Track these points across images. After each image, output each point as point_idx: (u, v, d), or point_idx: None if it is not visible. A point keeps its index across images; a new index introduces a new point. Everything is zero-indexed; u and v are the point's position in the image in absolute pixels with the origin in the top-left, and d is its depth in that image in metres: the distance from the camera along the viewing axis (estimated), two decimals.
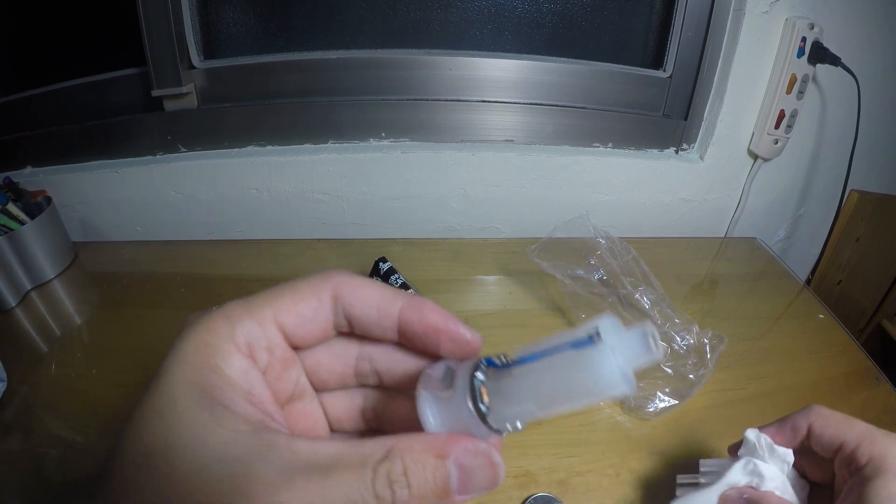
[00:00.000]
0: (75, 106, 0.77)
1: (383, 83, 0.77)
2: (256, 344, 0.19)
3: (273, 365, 0.19)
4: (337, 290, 0.20)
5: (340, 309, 0.20)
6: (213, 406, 0.16)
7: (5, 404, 0.52)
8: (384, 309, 0.20)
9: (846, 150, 0.77)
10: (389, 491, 0.16)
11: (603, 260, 0.62)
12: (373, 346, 0.22)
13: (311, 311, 0.20)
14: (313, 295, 0.20)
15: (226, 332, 0.18)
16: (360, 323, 0.20)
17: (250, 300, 0.19)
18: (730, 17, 0.73)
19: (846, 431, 0.33)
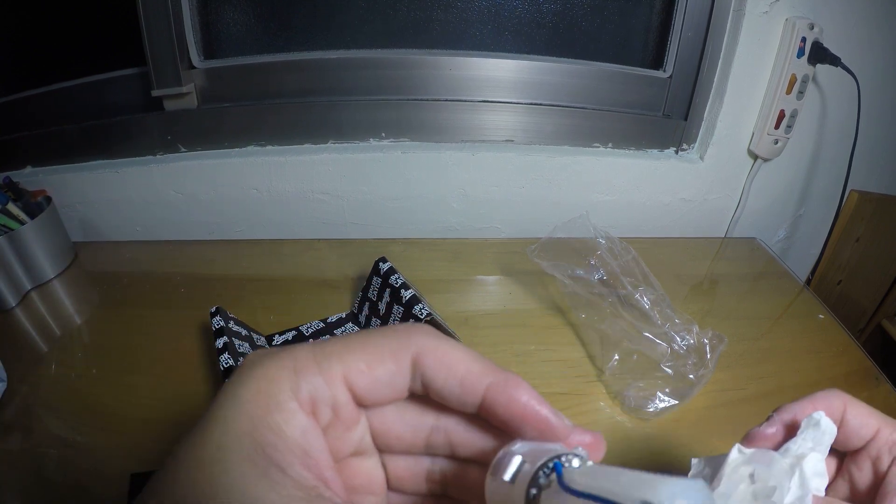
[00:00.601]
0: (75, 106, 0.77)
1: (383, 83, 0.77)
2: (321, 402, 0.17)
3: (335, 425, 0.18)
4: (419, 356, 0.18)
5: (419, 376, 0.18)
6: (267, 467, 0.15)
7: (5, 404, 0.52)
8: (469, 385, 0.18)
9: (846, 150, 0.77)
10: None
11: (603, 260, 0.62)
12: (449, 418, 0.20)
13: (387, 376, 0.18)
14: (392, 358, 0.18)
15: (289, 385, 0.17)
16: (439, 394, 0.18)
17: (320, 350, 0.18)
18: (730, 18, 0.73)
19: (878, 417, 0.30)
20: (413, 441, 0.20)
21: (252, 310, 0.65)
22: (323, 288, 0.70)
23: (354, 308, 0.65)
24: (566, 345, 0.63)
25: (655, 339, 0.56)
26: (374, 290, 0.62)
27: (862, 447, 0.30)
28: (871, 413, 0.30)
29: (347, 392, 0.18)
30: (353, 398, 0.18)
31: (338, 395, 0.17)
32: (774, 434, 0.32)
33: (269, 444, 0.16)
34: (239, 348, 0.52)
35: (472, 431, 0.20)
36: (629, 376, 0.56)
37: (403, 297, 0.56)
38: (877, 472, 0.29)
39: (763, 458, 0.29)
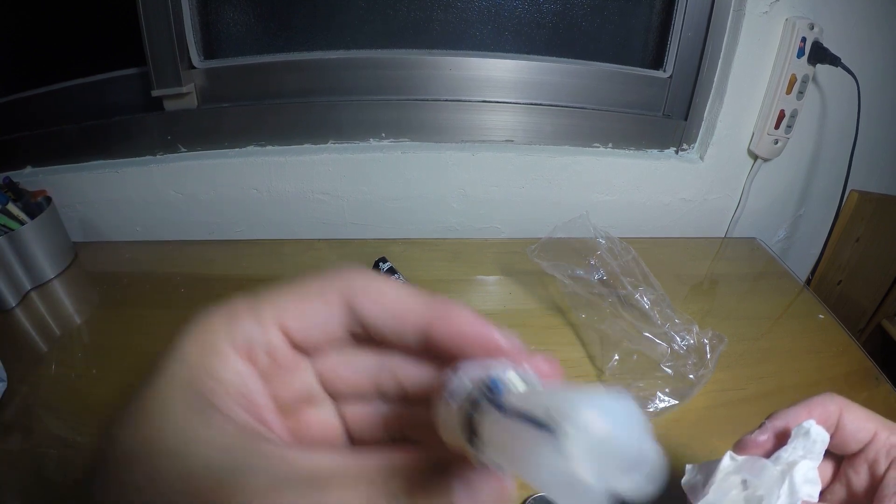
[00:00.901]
0: (75, 106, 0.77)
1: (383, 83, 0.77)
2: (256, 346, 0.17)
3: (275, 370, 0.18)
4: (349, 292, 0.18)
5: (353, 314, 0.18)
6: (204, 409, 0.15)
7: (5, 404, 0.52)
8: (403, 316, 0.18)
9: (846, 150, 0.77)
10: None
11: (603, 260, 0.62)
12: (395, 357, 0.19)
13: (318, 315, 0.18)
14: (321, 297, 0.18)
15: (225, 331, 0.17)
16: (375, 330, 0.18)
17: (256, 298, 0.18)
18: (730, 18, 0.73)
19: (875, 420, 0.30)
20: (361, 383, 0.20)
21: None
22: None
23: None
24: (566, 345, 0.63)
25: (655, 339, 0.56)
26: None
27: (859, 451, 0.30)
28: (869, 417, 0.30)
29: (282, 335, 0.18)
30: (288, 341, 0.18)
31: (272, 338, 0.17)
32: (766, 442, 0.32)
33: (208, 389, 0.16)
34: None
35: (421, 368, 0.19)
36: (629, 376, 0.56)
37: None
38: (874, 476, 0.29)
39: (754, 466, 0.30)
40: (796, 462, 0.29)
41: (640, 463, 0.12)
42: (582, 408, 0.12)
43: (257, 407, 0.17)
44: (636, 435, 0.13)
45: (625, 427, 0.12)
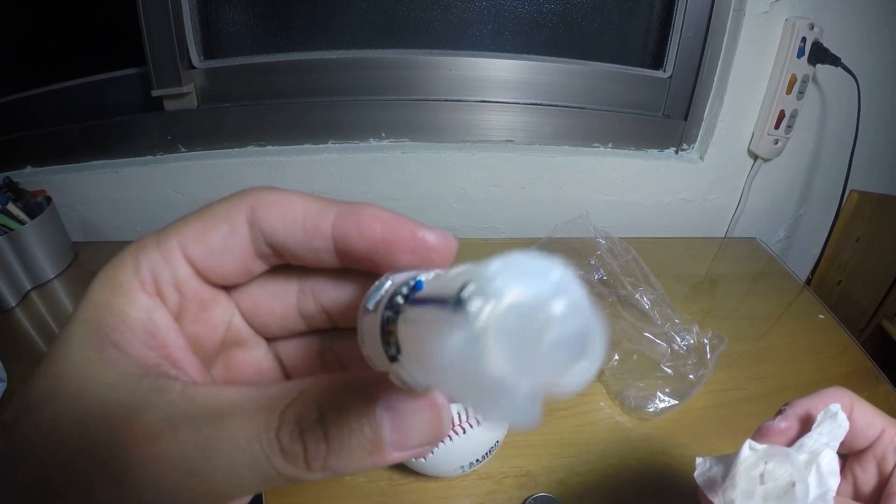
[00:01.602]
0: (75, 106, 0.77)
1: (383, 83, 0.77)
2: (163, 281, 0.16)
3: (186, 305, 0.16)
4: (254, 211, 0.16)
5: (259, 234, 0.16)
6: (104, 347, 0.14)
7: (5, 404, 0.52)
8: (312, 226, 0.16)
9: (846, 150, 0.77)
10: (300, 443, 0.12)
11: (603, 260, 0.62)
12: (315, 278, 0.17)
13: (221, 240, 0.16)
14: (225, 220, 0.16)
15: (131, 267, 0.16)
16: (285, 248, 0.16)
17: (161, 230, 0.16)
18: (730, 18, 0.73)
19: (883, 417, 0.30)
20: (285, 312, 0.18)
21: None
22: None
23: None
24: None
25: (655, 339, 0.56)
26: None
27: (867, 447, 0.29)
28: (877, 413, 0.29)
29: (188, 266, 0.16)
30: (196, 273, 0.16)
31: (178, 271, 0.16)
32: (788, 428, 0.31)
33: (110, 326, 0.15)
34: None
35: (343, 285, 0.17)
36: (629, 376, 0.56)
37: None
38: (882, 473, 0.29)
39: (778, 454, 0.28)
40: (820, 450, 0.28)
41: (573, 339, 0.09)
42: (495, 272, 0.09)
43: (165, 344, 0.15)
44: (567, 302, 0.09)
45: (553, 293, 0.09)
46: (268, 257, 0.17)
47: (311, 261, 0.16)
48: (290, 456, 0.12)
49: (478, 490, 0.46)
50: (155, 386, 0.14)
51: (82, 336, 0.15)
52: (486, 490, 0.46)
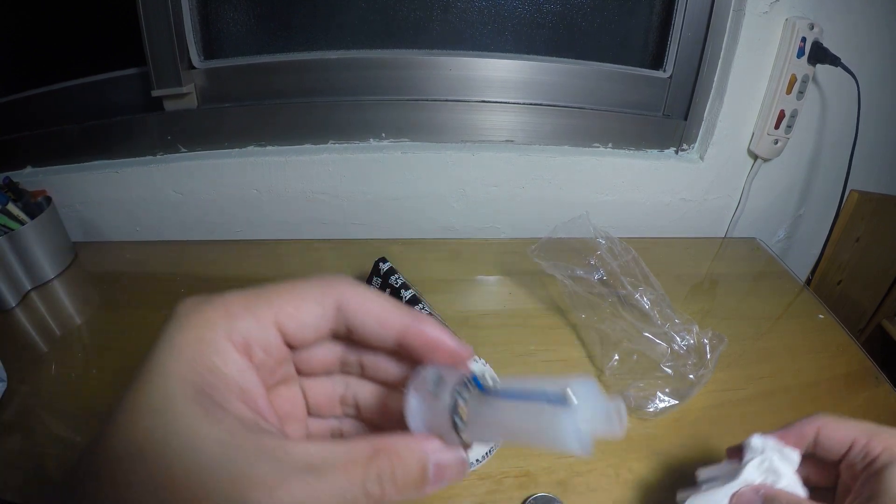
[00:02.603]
0: (75, 106, 0.77)
1: (383, 83, 0.77)
2: (254, 343, 0.19)
3: (267, 363, 0.19)
4: (341, 300, 0.20)
5: (343, 318, 0.20)
6: (209, 406, 0.16)
7: (5, 404, 0.52)
8: (386, 325, 0.20)
9: (846, 150, 0.77)
10: (379, 488, 0.17)
11: (603, 260, 0.62)
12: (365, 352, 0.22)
13: (312, 318, 0.20)
14: (317, 302, 0.20)
15: (224, 328, 0.18)
16: (360, 335, 0.21)
17: (250, 296, 0.19)
18: (730, 17, 0.73)
19: (855, 430, 0.35)
20: (330, 361, 0.22)
21: None
22: None
23: None
24: (566, 345, 0.63)
25: (655, 339, 0.56)
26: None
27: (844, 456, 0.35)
28: (849, 428, 0.35)
29: (278, 334, 0.19)
30: (282, 339, 0.20)
31: (269, 336, 0.19)
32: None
33: (209, 385, 0.17)
34: None
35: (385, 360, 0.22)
36: (629, 376, 0.56)
37: (403, 298, 0.56)
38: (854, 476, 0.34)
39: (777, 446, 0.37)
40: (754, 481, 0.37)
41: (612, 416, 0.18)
42: (576, 386, 0.18)
43: (254, 399, 0.18)
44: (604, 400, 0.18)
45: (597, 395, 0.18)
46: (338, 334, 0.21)
47: (374, 343, 0.21)
48: (372, 497, 0.17)
49: (478, 490, 0.46)
50: (259, 442, 0.16)
51: (184, 393, 0.16)
52: (486, 490, 0.46)
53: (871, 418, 0.54)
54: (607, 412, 0.18)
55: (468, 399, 0.19)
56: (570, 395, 0.18)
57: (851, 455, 0.34)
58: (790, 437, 0.37)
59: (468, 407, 0.19)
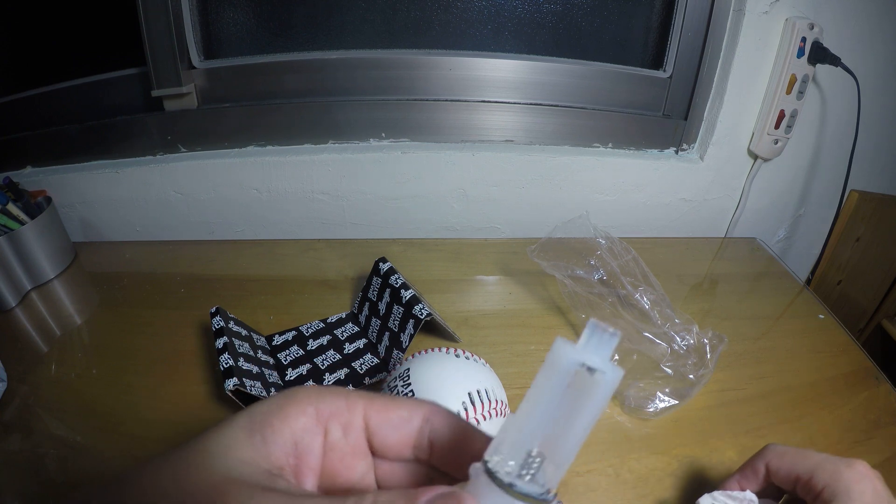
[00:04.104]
0: (75, 106, 0.77)
1: (383, 83, 0.77)
2: (335, 418, 0.20)
3: (342, 446, 0.20)
4: (429, 414, 0.21)
5: (426, 429, 0.21)
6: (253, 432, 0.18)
7: (5, 404, 0.52)
8: (462, 438, 0.21)
9: (846, 150, 0.77)
10: None
11: (603, 260, 0.62)
12: None
13: (398, 420, 0.21)
14: (407, 409, 0.21)
15: (315, 396, 0.20)
16: (439, 454, 0.21)
17: (352, 392, 0.21)
18: (730, 18, 0.73)
19: (799, 464, 0.35)
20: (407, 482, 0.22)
21: (252, 310, 0.65)
22: (323, 288, 0.70)
23: (354, 308, 0.65)
24: None
25: (655, 339, 0.56)
26: (374, 290, 0.62)
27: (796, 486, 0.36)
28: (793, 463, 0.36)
29: (363, 423, 0.20)
30: (365, 431, 0.21)
31: (353, 420, 0.20)
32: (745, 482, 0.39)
33: (268, 423, 0.19)
34: (239, 348, 0.52)
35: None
36: (629, 376, 0.56)
37: (403, 298, 0.56)
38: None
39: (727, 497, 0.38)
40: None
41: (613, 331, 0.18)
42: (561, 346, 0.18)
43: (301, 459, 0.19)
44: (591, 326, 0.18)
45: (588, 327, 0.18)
46: (420, 451, 0.21)
47: (449, 468, 0.21)
48: None
49: None
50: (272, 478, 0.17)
51: (243, 422, 0.19)
52: None
53: (871, 418, 0.54)
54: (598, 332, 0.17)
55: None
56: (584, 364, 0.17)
57: (798, 490, 0.35)
58: (747, 475, 0.38)
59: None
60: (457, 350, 0.45)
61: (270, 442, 0.18)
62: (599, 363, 0.17)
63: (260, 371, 0.52)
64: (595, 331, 0.18)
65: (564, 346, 0.18)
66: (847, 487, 0.32)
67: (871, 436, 0.53)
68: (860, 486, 0.32)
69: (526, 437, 0.18)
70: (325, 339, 0.61)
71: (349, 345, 0.60)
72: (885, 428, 0.53)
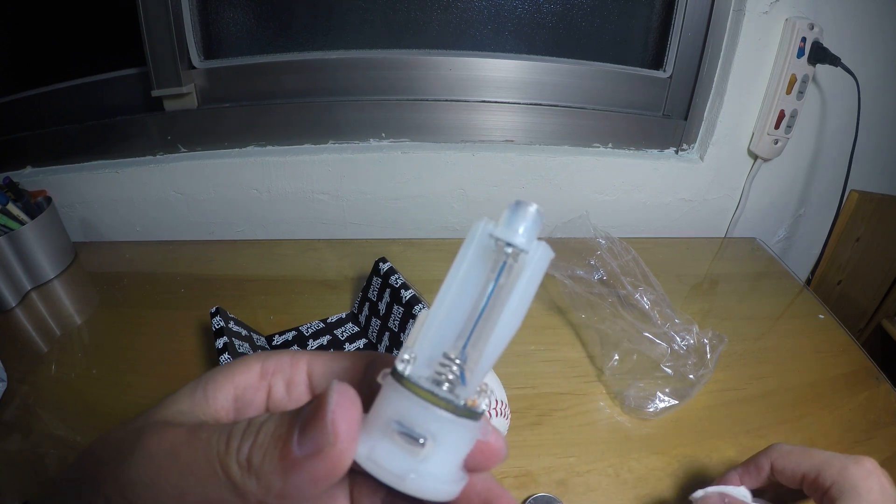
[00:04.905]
0: (75, 106, 0.77)
1: (383, 83, 0.77)
2: (279, 373, 0.20)
3: (285, 403, 0.21)
4: (371, 360, 0.21)
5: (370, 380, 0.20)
6: (196, 388, 0.19)
7: (5, 404, 0.52)
8: None
9: (846, 150, 0.77)
10: (240, 434, 0.16)
11: (603, 260, 0.62)
12: None
13: (340, 370, 0.21)
14: (349, 360, 0.21)
15: (264, 356, 0.21)
16: None
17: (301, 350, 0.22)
18: (730, 17, 0.73)
19: (805, 462, 0.35)
20: None
21: (252, 310, 0.65)
22: (323, 288, 0.70)
23: (354, 308, 0.65)
24: (566, 345, 0.63)
25: (655, 339, 0.56)
26: (374, 290, 0.62)
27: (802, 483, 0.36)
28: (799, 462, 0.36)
29: (305, 376, 0.21)
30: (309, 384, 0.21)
31: (295, 374, 0.21)
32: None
33: (213, 380, 0.20)
34: (239, 348, 0.52)
35: None
36: (629, 376, 0.56)
37: (403, 298, 0.56)
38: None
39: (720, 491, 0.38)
40: None
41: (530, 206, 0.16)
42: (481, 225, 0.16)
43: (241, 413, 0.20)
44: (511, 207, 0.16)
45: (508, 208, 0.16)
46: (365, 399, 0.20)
47: None
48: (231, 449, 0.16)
49: None
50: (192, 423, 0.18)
51: (192, 382, 0.20)
52: None
53: (871, 418, 0.54)
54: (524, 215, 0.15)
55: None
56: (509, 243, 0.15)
57: (805, 488, 0.35)
58: (750, 471, 0.38)
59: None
60: None
61: (211, 397, 0.19)
62: (522, 241, 0.15)
63: None
64: (517, 208, 0.15)
65: (480, 223, 0.15)
66: (854, 484, 0.32)
67: (871, 436, 0.53)
68: (868, 482, 0.32)
69: (439, 333, 0.16)
70: (325, 339, 0.61)
71: (349, 345, 0.60)
72: (885, 428, 0.54)
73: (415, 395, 0.15)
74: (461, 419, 0.15)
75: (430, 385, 0.15)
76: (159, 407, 0.19)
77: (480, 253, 0.15)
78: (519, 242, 0.15)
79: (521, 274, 0.15)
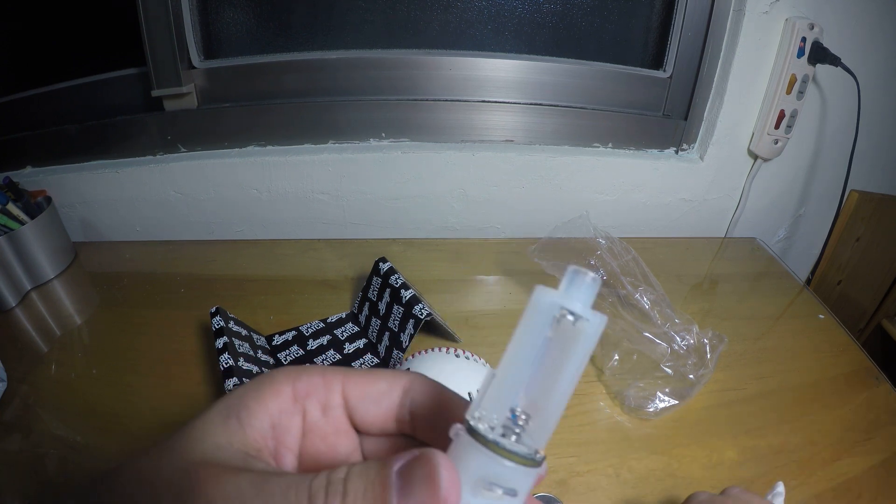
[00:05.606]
0: (75, 106, 0.77)
1: (383, 83, 0.77)
2: (312, 397, 0.19)
3: (322, 426, 0.20)
4: (409, 384, 0.20)
5: (408, 401, 0.20)
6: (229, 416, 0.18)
7: (5, 404, 0.52)
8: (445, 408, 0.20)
9: (846, 150, 0.77)
10: (323, 493, 0.15)
11: (603, 260, 0.62)
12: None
13: (377, 394, 0.20)
14: (386, 382, 0.20)
15: (293, 376, 0.20)
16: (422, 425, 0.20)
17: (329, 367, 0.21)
18: (730, 17, 0.73)
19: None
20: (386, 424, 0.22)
21: (252, 310, 0.65)
22: (323, 288, 0.70)
23: (354, 308, 0.65)
24: None
25: (655, 339, 0.56)
26: (374, 290, 0.62)
27: None
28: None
29: (341, 399, 0.20)
30: (344, 407, 0.20)
31: (331, 398, 0.20)
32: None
33: (244, 406, 0.18)
34: (239, 348, 0.52)
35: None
36: (629, 376, 0.56)
37: (403, 298, 0.56)
38: None
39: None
40: None
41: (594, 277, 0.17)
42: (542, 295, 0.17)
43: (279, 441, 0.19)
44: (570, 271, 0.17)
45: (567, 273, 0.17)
46: (402, 422, 0.20)
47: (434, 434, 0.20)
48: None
49: None
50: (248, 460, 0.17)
51: (220, 407, 0.18)
52: None
53: (871, 418, 0.54)
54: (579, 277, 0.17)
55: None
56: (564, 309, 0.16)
57: None
58: None
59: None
60: (457, 350, 0.45)
61: (246, 425, 0.18)
62: (581, 309, 0.16)
63: (260, 371, 0.52)
64: (575, 276, 0.17)
65: (545, 293, 0.17)
66: None
67: (871, 436, 0.53)
68: None
69: (508, 391, 0.17)
70: (325, 338, 0.61)
71: (349, 345, 0.60)
72: (885, 428, 0.54)
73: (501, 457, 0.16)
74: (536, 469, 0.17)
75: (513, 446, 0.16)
76: (189, 438, 0.17)
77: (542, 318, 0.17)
78: (582, 312, 0.16)
79: (582, 338, 0.16)
